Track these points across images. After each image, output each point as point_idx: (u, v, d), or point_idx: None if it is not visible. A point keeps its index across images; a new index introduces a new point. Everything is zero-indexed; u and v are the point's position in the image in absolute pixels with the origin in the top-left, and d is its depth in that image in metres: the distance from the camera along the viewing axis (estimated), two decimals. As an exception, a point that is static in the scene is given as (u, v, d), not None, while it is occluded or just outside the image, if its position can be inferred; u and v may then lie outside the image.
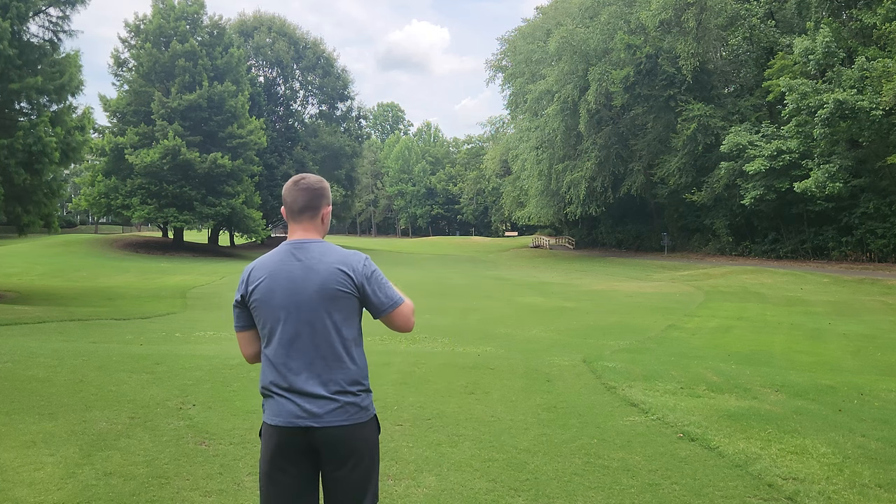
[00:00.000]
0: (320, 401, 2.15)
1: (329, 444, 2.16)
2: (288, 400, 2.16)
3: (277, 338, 2.20)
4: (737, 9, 34.95)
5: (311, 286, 2.19)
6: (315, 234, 2.32)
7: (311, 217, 2.31)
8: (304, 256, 2.23)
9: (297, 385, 2.16)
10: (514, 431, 4.96)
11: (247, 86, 44.71)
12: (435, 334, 11.93)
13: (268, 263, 2.27)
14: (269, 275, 2.23)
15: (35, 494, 3.42)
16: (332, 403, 2.16)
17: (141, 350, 8.36)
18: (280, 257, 2.26)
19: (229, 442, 4.42)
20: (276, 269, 2.23)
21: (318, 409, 2.15)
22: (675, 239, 43.49)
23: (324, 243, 2.28)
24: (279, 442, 2.17)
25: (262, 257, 2.31)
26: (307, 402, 2.15)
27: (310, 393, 2.16)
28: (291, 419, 2.14)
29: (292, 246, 2.27)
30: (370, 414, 2.25)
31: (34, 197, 17.32)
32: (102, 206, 40.11)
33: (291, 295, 2.19)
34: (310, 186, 2.31)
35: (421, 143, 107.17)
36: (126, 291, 20.80)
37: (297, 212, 2.30)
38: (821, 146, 28.62)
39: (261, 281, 2.24)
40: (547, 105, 42.83)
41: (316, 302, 2.19)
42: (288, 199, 2.31)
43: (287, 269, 2.22)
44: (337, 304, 2.20)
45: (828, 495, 3.78)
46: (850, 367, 10.01)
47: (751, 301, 20.08)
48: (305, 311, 2.19)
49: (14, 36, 15.98)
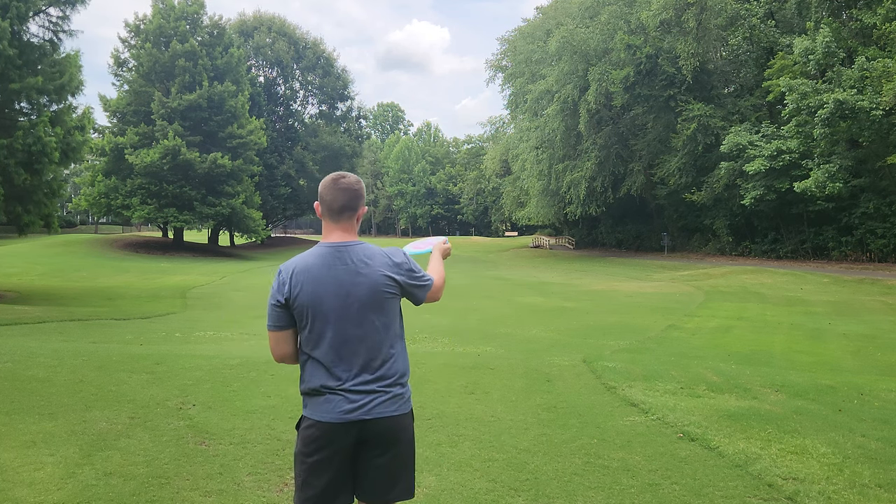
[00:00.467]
0: (372, 395, 2.24)
1: (379, 434, 2.25)
2: (342, 397, 2.23)
3: (328, 342, 2.24)
4: (737, 9, 34.94)
5: (360, 291, 2.25)
6: (353, 235, 2.35)
7: (349, 217, 2.33)
8: (350, 260, 2.27)
9: (349, 384, 2.24)
10: (514, 431, 4.96)
11: (247, 86, 44.72)
12: (435, 334, 11.93)
13: (311, 266, 2.27)
14: (315, 279, 2.25)
15: (35, 494, 3.42)
16: (383, 395, 2.26)
17: (141, 350, 8.36)
18: (325, 261, 2.27)
19: (229, 442, 4.42)
20: (321, 273, 2.25)
21: (370, 402, 2.24)
22: (675, 239, 43.50)
23: (365, 245, 2.32)
24: (331, 437, 2.23)
25: (302, 259, 2.31)
26: (360, 397, 2.23)
27: (362, 390, 2.24)
28: (344, 415, 2.22)
29: (335, 249, 2.29)
30: (410, 405, 2.37)
31: (34, 197, 17.32)
32: (102, 206, 40.11)
33: (340, 299, 2.24)
34: (350, 186, 2.33)
35: (421, 143, 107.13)
36: (126, 291, 20.81)
37: (336, 211, 2.32)
38: (821, 146, 28.61)
39: (306, 284, 2.25)
40: (547, 105, 42.82)
41: (366, 307, 2.26)
42: (327, 198, 2.32)
43: (334, 273, 2.25)
44: (384, 305, 2.29)
45: (828, 495, 3.78)
46: (850, 367, 10.01)
47: (751, 301, 20.08)
48: (355, 316, 2.25)
49: (14, 36, 15.99)
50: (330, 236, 2.33)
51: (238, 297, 20.00)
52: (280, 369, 6.92)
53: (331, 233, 2.33)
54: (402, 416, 2.30)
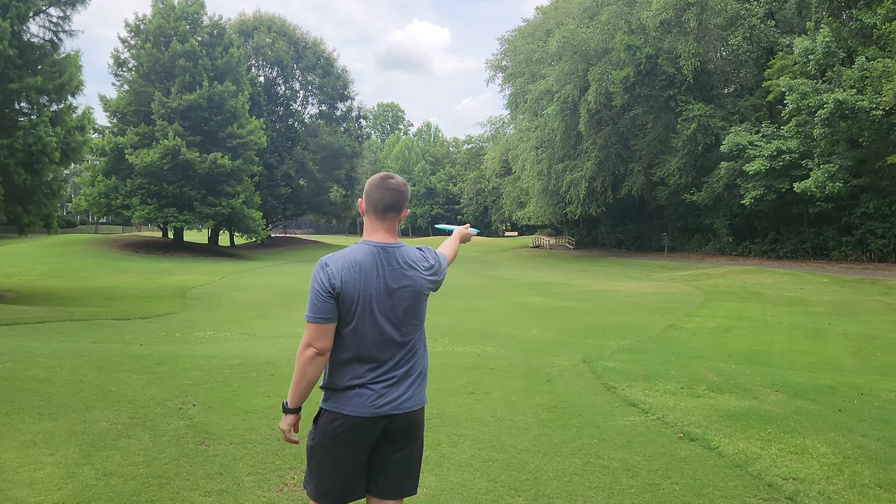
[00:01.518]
0: (402, 389, 2.33)
1: (402, 428, 2.34)
2: (374, 392, 2.28)
3: (370, 339, 2.28)
4: (737, 9, 34.94)
5: (405, 293, 2.32)
6: (395, 237, 2.41)
7: (394, 217, 2.38)
8: (397, 262, 2.33)
9: (382, 378, 2.30)
10: (514, 431, 4.96)
11: (247, 86, 44.71)
12: (435, 334, 11.92)
13: (361, 263, 2.29)
14: (366, 276, 2.28)
15: (35, 494, 3.41)
16: (410, 390, 2.35)
17: (141, 350, 8.36)
18: (374, 259, 2.31)
19: (229, 442, 4.42)
20: (370, 272, 2.28)
21: (401, 397, 2.32)
22: (675, 239, 43.49)
23: (407, 248, 2.41)
24: (360, 431, 2.28)
25: (351, 253, 2.31)
26: (391, 391, 2.31)
27: (394, 384, 2.32)
28: (375, 409, 2.28)
29: (381, 249, 2.33)
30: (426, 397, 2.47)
31: (34, 197, 17.32)
32: (102, 206, 40.10)
33: (386, 299, 2.29)
34: (398, 187, 2.38)
35: (421, 143, 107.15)
36: (126, 291, 20.80)
37: (382, 210, 2.36)
38: (821, 146, 28.61)
39: (357, 280, 2.26)
40: (547, 105, 42.82)
41: (409, 309, 2.33)
42: (375, 196, 2.36)
43: (380, 273, 2.30)
44: (421, 307, 2.39)
45: (828, 495, 3.78)
46: (850, 367, 10.01)
47: (751, 301, 20.07)
48: (397, 317, 2.31)
49: (14, 36, 15.98)
50: (374, 235, 2.36)
51: (238, 297, 20.00)
52: (280, 369, 6.92)
53: (375, 232, 2.37)
54: (421, 410, 2.41)
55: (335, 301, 2.24)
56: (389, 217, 2.37)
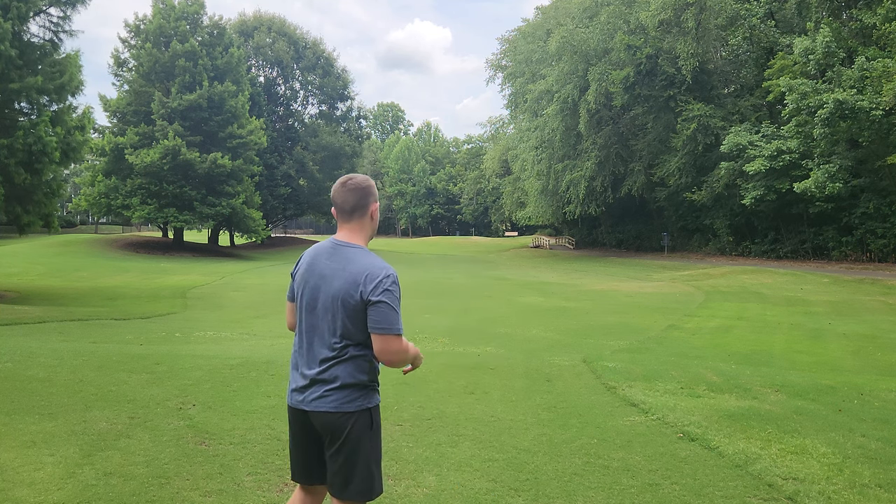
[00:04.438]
0: (318, 387, 2.37)
1: (323, 426, 2.38)
2: (293, 380, 2.48)
3: (301, 321, 2.46)
4: (737, 9, 34.95)
5: (331, 290, 2.37)
6: (358, 236, 2.47)
7: (360, 216, 2.47)
8: (336, 258, 2.41)
9: (304, 369, 2.42)
10: (514, 431, 4.96)
11: (247, 86, 44.68)
12: (435, 334, 11.92)
13: (313, 252, 2.50)
14: (308, 265, 2.47)
15: (35, 494, 3.41)
16: (324, 389, 2.36)
17: (141, 350, 8.36)
18: (321, 251, 2.47)
19: (229, 442, 4.42)
20: (314, 262, 2.46)
21: (313, 394, 2.38)
22: (675, 239, 43.49)
23: (356, 249, 2.41)
24: (291, 417, 2.47)
25: (316, 245, 2.53)
26: (308, 383, 2.40)
27: (311, 380, 2.39)
28: (291, 400, 2.47)
29: (332, 245, 2.46)
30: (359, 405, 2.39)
31: (34, 197, 17.31)
32: (102, 206, 40.08)
33: (314, 291, 2.41)
34: (358, 186, 2.47)
35: (421, 143, 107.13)
36: (126, 291, 20.80)
37: (348, 212, 2.46)
38: (821, 146, 28.61)
39: (303, 267, 2.49)
40: (547, 105, 42.82)
41: (335, 307, 2.35)
42: (338, 200, 2.47)
43: (321, 265, 2.43)
44: (349, 313, 2.34)
45: (828, 495, 3.78)
46: (850, 367, 10.01)
47: (751, 301, 20.07)
48: (322, 309, 2.38)
49: (15, 36, 15.98)
50: (339, 235, 2.49)
51: (238, 297, 19.99)
52: (280, 369, 6.92)
53: (340, 231, 2.49)
54: (344, 415, 2.34)
55: (294, 283, 2.53)
56: (356, 217, 2.46)
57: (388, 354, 2.32)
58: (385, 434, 4.70)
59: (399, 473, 3.97)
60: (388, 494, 3.63)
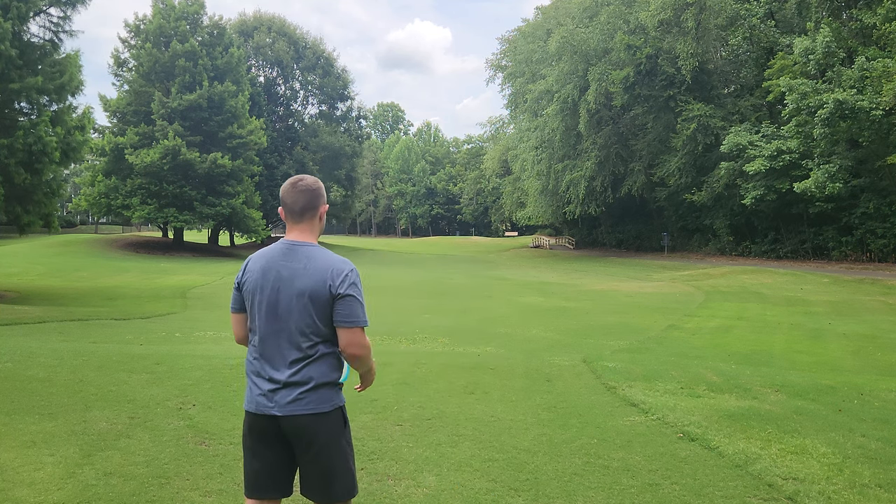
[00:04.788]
0: (286, 391, 2.33)
1: (294, 431, 2.34)
2: (256, 386, 2.39)
3: (258, 327, 2.39)
4: (737, 9, 34.94)
5: (293, 291, 2.34)
6: (310, 236, 2.46)
7: (311, 217, 2.46)
8: (294, 259, 2.38)
9: (267, 375, 2.36)
10: (514, 431, 4.96)
11: (247, 86, 44.67)
12: (435, 334, 11.92)
13: (264, 257, 2.44)
14: (261, 269, 2.41)
15: (35, 494, 3.42)
16: (296, 393, 2.32)
17: (141, 350, 8.36)
18: (274, 254, 2.42)
19: (229, 442, 4.42)
20: (268, 265, 2.41)
21: (283, 397, 2.33)
22: (675, 239, 43.49)
23: (313, 248, 2.41)
24: (249, 426, 2.40)
25: (263, 250, 2.48)
26: (274, 388, 2.34)
27: (277, 383, 2.34)
28: (257, 407, 2.38)
29: (286, 246, 2.43)
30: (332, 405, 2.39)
31: (34, 197, 17.31)
32: (102, 206, 40.08)
33: (273, 293, 2.36)
34: (308, 188, 2.45)
35: (421, 143, 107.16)
36: (126, 291, 20.80)
37: (297, 213, 2.45)
38: (821, 146, 28.61)
39: (254, 273, 2.42)
40: (547, 105, 42.82)
41: (299, 308, 2.33)
42: (287, 201, 2.45)
43: (277, 267, 2.38)
44: (317, 309, 2.34)
45: (828, 495, 3.78)
46: (850, 367, 10.01)
47: (751, 301, 20.07)
48: (285, 311, 2.34)
49: (15, 36, 15.98)
50: (289, 235, 2.47)
51: (238, 297, 19.96)
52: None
53: (290, 232, 2.47)
54: (318, 415, 2.33)
55: (239, 293, 2.48)
56: (306, 218, 2.45)
57: (355, 347, 2.36)
58: (385, 434, 4.71)
59: (399, 473, 3.97)
60: (389, 494, 3.63)
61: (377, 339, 10.99)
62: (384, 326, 12.82)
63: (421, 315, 14.86)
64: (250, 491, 2.42)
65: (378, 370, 6.21)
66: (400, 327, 12.78)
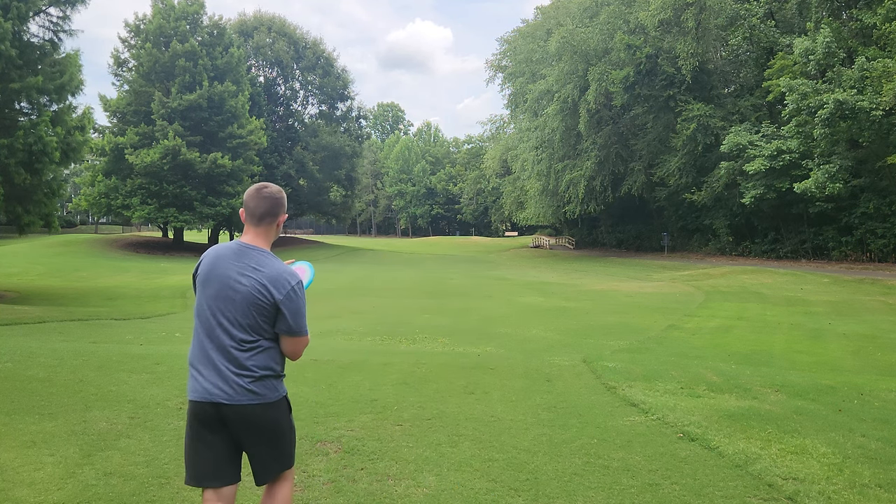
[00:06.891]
0: (230, 381, 2.41)
1: (238, 420, 2.42)
2: (199, 375, 2.47)
3: (203, 320, 2.49)
4: (737, 9, 34.93)
5: (239, 291, 2.42)
6: (264, 242, 2.54)
7: (269, 223, 2.55)
8: (243, 260, 2.47)
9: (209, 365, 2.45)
10: (514, 431, 4.96)
11: (247, 86, 44.70)
12: (435, 334, 11.92)
13: (216, 253, 2.53)
14: (212, 265, 2.50)
15: (35, 494, 3.42)
16: (239, 383, 2.42)
17: (141, 350, 8.36)
18: (227, 253, 2.50)
19: (229, 442, 4.41)
20: (218, 262, 2.49)
21: (227, 387, 2.41)
22: (675, 239, 43.49)
23: (265, 254, 2.49)
24: (193, 414, 2.45)
25: (217, 247, 2.56)
26: (216, 378, 2.43)
27: (219, 373, 2.42)
28: (198, 394, 2.44)
29: (239, 247, 2.51)
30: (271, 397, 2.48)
31: (34, 197, 17.32)
32: (102, 206, 40.12)
33: (222, 290, 2.45)
34: (271, 195, 2.54)
35: (421, 143, 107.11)
36: (126, 291, 20.80)
37: (257, 217, 2.53)
38: (821, 146, 28.60)
39: (205, 268, 2.52)
40: (547, 105, 42.82)
41: (243, 308, 2.42)
42: (250, 205, 2.52)
43: (226, 265, 2.47)
44: (260, 312, 2.42)
45: (828, 495, 3.78)
46: (850, 367, 10.01)
47: (751, 301, 20.07)
48: (230, 309, 2.43)
49: (15, 36, 15.98)
50: (245, 237, 2.54)
51: (238, 297, 19.97)
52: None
53: (246, 234, 2.55)
54: (261, 406, 2.42)
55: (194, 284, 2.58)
56: (265, 223, 2.53)
57: (297, 354, 2.53)
58: (385, 434, 4.71)
59: (399, 473, 3.97)
60: (389, 494, 3.63)
61: (377, 339, 11.00)
62: (384, 326, 12.82)
63: (421, 315, 14.85)
64: (200, 479, 2.45)
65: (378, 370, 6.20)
66: (400, 327, 12.77)
